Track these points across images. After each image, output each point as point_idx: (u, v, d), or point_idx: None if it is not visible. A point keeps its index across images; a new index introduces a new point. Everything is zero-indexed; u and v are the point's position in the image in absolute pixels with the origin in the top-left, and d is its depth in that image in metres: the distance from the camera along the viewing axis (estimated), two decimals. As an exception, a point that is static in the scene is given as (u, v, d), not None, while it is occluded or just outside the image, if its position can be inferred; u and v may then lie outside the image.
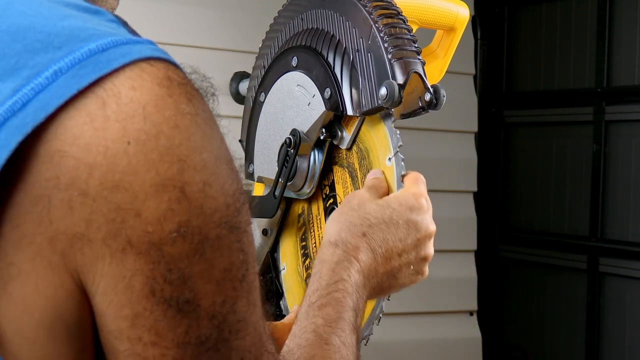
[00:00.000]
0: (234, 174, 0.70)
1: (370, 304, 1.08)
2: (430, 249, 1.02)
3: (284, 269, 1.27)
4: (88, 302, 0.67)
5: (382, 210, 0.98)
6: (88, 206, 0.65)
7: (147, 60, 0.67)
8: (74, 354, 0.68)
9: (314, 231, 1.21)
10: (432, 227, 1.02)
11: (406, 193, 1.01)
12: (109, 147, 0.65)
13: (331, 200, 1.18)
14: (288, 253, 1.26)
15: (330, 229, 0.99)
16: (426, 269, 1.03)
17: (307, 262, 1.22)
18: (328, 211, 1.18)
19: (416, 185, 1.02)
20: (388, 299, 1.08)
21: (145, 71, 0.67)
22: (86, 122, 0.65)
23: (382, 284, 0.99)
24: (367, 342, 1.10)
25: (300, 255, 1.24)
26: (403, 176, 1.07)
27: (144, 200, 0.65)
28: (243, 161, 0.75)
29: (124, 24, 0.75)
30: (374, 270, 0.97)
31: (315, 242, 1.21)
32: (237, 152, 1.34)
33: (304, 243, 1.24)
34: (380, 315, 1.09)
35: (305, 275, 1.22)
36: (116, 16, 0.75)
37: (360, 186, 1.13)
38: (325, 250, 0.97)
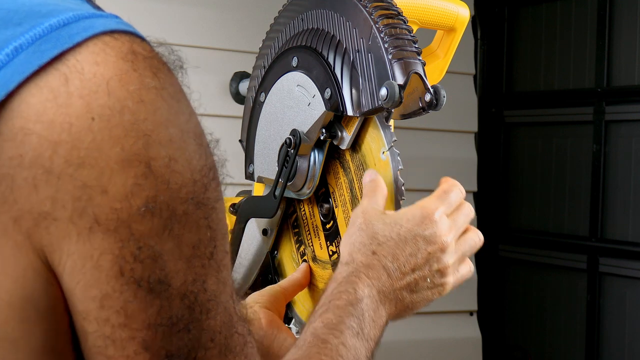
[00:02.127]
0: (203, 149, 0.69)
1: None
2: (444, 261, 1.00)
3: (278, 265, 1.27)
4: (58, 283, 0.66)
5: (390, 228, 0.97)
6: (53, 184, 0.63)
7: (111, 33, 0.66)
8: (45, 335, 0.66)
9: (309, 231, 1.22)
10: (445, 239, 1.00)
11: (415, 208, 0.99)
12: (73, 124, 0.63)
13: (327, 205, 1.19)
14: (284, 255, 1.27)
15: (342, 252, 0.98)
16: (447, 281, 1.01)
17: (301, 248, 1.23)
18: (322, 212, 1.19)
19: (436, 199, 1.01)
20: None
21: (108, 45, 0.65)
22: (49, 99, 0.63)
23: (403, 299, 0.97)
24: None
25: (295, 249, 1.24)
26: (400, 170, 1.07)
27: (110, 177, 0.63)
28: (213, 136, 0.73)
29: (89, 0, 0.74)
30: (390, 286, 0.95)
31: (311, 242, 1.21)
32: (237, 152, 1.35)
33: (297, 245, 1.24)
34: None
35: (300, 261, 1.23)
36: None
37: (356, 185, 1.13)
38: (337, 270, 0.96)
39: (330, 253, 1.17)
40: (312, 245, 1.21)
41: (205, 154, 0.69)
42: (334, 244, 1.17)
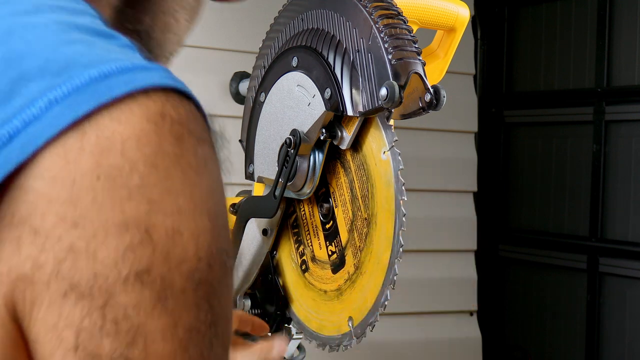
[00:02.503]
0: (217, 228, 0.62)
1: (375, 291, 1.08)
2: None
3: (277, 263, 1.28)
4: (28, 354, 0.59)
5: None
6: (38, 245, 0.57)
7: (146, 90, 0.60)
8: None
9: (308, 231, 1.22)
10: None
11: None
12: (76, 181, 0.58)
13: (327, 204, 1.19)
14: (283, 255, 1.27)
15: None
16: None
17: (300, 248, 1.23)
18: (322, 212, 1.19)
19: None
20: (393, 288, 1.08)
21: (138, 103, 0.60)
22: (59, 154, 0.58)
23: None
24: (372, 328, 1.10)
25: (294, 249, 1.24)
26: (400, 170, 1.07)
27: (103, 240, 0.57)
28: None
29: (141, 50, 0.67)
30: None
31: (310, 242, 1.21)
32: (237, 152, 1.34)
33: (297, 245, 1.24)
34: (386, 303, 1.09)
35: (299, 261, 1.23)
36: (134, 42, 0.67)
37: (356, 185, 1.13)
38: None
39: (330, 253, 1.18)
40: (312, 245, 1.21)
41: (218, 234, 0.62)
42: (333, 244, 1.17)
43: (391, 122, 1.10)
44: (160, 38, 0.79)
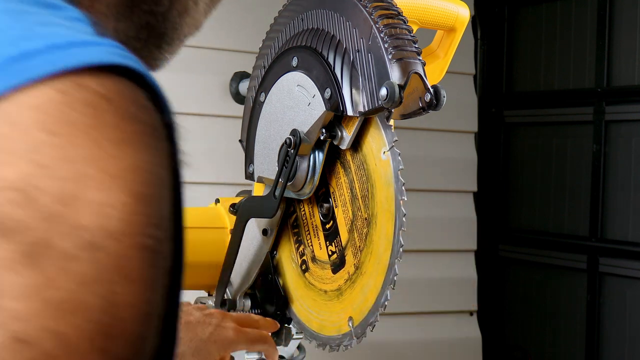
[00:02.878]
0: (142, 213, 0.54)
1: (375, 292, 1.08)
2: None
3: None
4: None
5: None
6: None
7: (77, 69, 0.54)
8: None
9: (309, 231, 1.22)
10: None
11: None
12: None
13: (327, 203, 1.19)
14: (284, 255, 1.27)
15: None
16: None
17: (300, 248, 1.23)
18: (322, 212, 1.19)
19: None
20: (393, 288, 1.08)
21: (58, 79, 0.54)
22: None
23: None
24: (372, 328, 1.10)
25: (294, 249, 1.24)
26: (400, 170, 1.07)
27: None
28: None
29: (96, 24, 0.61)
30: None
31: (310, 242, 1.21)
32: (237, 152, 1.35)
33: (297, 245, 1.24)
34: (386, 303, 1.09)
35: (299, 261, 1.23)
36: (87, 14, 0.61)
37: (356, 185, 1.13)
38: None
39: (330, 253, 1.18)
40: (312, 245, 1.21)
41: (143, 217, 0.54)
42: (333, 244, 1.17)
43: (391, 122, 1.10)
44: (176, 21, 0.75)
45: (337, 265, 1.16)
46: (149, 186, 0.55)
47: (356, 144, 1.14)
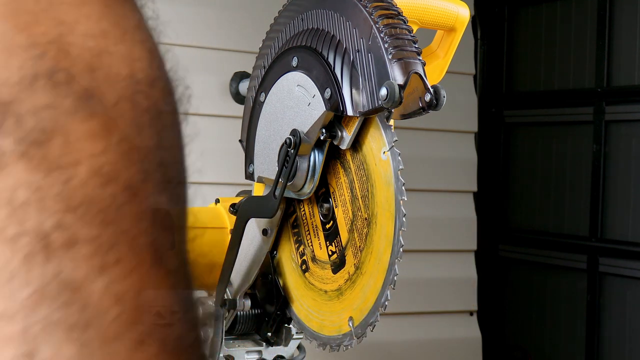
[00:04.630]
0: (159, 64, 0.56)
1: (375, 291, 1.08)
2: None
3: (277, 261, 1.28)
4: None
5: None
6: None
7: None
8: None
9: (309, 231, 1.22)
10: None
11: None
12: None
13: (327, 203, 1.19)
14: (284, 255, 1.27)
15: None
16: None
17: (300, 248, 1.23)
18: (322, 212, 1.19)
19: None
20: (393, 288, 1.08)
21: None
22: None
23: None
24: (373, 328, 1.10)
25: (294, 249, 1.24)
26: (400, 170, 1.07)
27: (7, 59, 0.48)
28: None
29: None
30: None
31: (310, 242, 1.21)
32: (237, 152, 1.35)
33: (297, 245, 1.24)
34: (386, 303, 1.09)
35: (299, 261, 1.23)
36: None
37: (356, 185, 1.13)
38: None
39: (330, 253, 1.18)
40: (312, 245, 1.21)
41: (161, 69, 0.56)
42: (333, 244, 1.17)
43: (391, 122, 1.10)
44: None
45: (338, 266, 1.16)
46: (156, 43, 0.57)
47: (356, 144, 1.14)
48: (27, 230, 0.46)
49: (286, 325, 1.28)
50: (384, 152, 1.09)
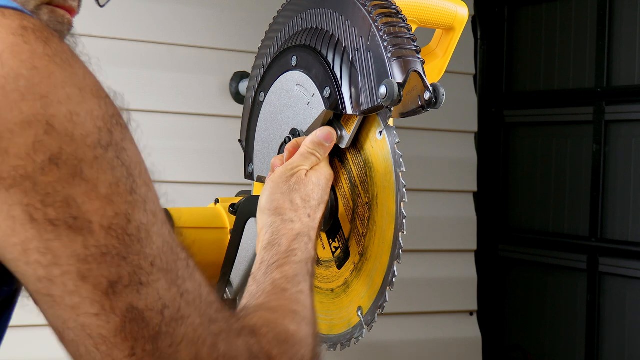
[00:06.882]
0: (103, 100, 0.74)
1: (382, 271, 1.08)
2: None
3: None
4: None
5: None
6: None
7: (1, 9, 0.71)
8: None
9: None
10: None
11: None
12: None
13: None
14: None
15: (281, 205, 1.08)
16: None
17: None
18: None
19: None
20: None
21: None
22: None
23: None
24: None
25: None
26: (397, 143, 1.07)
27: (10, 139, 0.68)
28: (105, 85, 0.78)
29: None
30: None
31: None
32: (237, 152, 1.34)
33: None
34: (394, 280, 1.08)
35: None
36: None
37: (355, 174, 1.13)
38: (279, 224, 1.06)
39: (333, 250, 1.17)
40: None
41: (106, 104, 0.74)
42: (336, 239, 1.16)
43: (390, 121, 1.10)
44: None
45: (342, 260, 1.16)
46: (94, 79, 0.75)
47: (356, 141, 1.14)
48: None
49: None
50: (380, 132, 1.09)
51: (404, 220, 1.06)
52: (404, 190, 1.06)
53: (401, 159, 1.06)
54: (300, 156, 1.11)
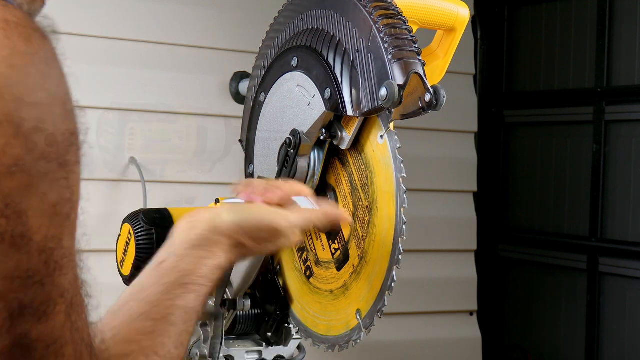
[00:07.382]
0: (68, 114, 0.72)
1: (382, 275, 1.08)
2: None
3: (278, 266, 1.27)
4: None
5: None
6: None
7: None
8: None
9: (310, 235, 1.21)
10: None
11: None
12: None
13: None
14: (284, 256, 1.26)
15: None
16: None
17: (303, 255, 1.22)
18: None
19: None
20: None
21: None
22: None
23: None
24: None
25: (297, 258, 1.24)
26: (398, 149, 1.07)
27: None
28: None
29: None
30: None
31: (313, 246, 1.21)
32: (237, 152, 1.34)
33: (300, 253, 1.23)
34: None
35: (303, 268, 1.22)
36: None
37: (355, 176, 1.13)
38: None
39: (333, 251, 1.17)
40: (315, 249, 1.20)
41: (70, 118, 0.72)
42: (336, 241, 1.17)
43: (391, 126, 1.10)
44: None
45: (342, 262, 1.16)
46: (66, 89, 0.72)
47: (356, 142, 1.14)
48: None
49: (286, 325, 1.28)
50: (381, 136, 1.09)
51: (404, 226, 1.06)
52: (405, 195, 1.06)
53: (402, 165, 1.06)
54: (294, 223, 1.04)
